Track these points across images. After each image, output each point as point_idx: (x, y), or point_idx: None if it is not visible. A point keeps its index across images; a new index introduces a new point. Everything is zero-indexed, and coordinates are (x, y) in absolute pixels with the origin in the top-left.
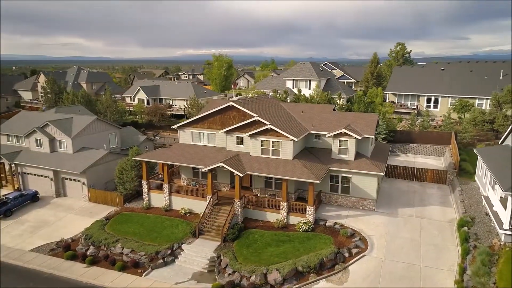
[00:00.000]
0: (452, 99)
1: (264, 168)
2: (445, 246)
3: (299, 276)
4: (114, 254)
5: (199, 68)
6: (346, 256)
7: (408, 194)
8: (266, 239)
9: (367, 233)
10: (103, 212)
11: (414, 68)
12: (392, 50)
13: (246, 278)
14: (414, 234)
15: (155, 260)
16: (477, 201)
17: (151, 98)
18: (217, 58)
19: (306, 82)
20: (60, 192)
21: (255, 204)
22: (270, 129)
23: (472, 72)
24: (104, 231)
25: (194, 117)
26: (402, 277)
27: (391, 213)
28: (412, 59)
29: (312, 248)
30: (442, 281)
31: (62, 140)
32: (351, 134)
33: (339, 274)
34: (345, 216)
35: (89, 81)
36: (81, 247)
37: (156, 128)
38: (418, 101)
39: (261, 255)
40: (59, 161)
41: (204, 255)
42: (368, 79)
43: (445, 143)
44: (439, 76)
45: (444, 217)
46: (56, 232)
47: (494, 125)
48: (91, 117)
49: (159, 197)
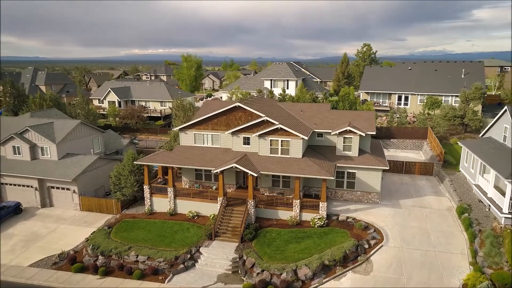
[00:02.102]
0: (421, 97)
1: (276, 167)
2: (451, 232)
3: (326, 270)
4: (128, 262)
5: (161, 69)
6: (366, 248)
7: (402, 186)
8: (284, 236)
9: (378, 224)
10: (99, 221)
11: (384, 68)
12: (359, 51)
13: (276, 275)
14: (421, 223)
15: (175, 266)
16: (467, 190)
17: (123, 100)
18: (186, 58)
19: (284, 82)
20: (46, 202)
21: (266, 203)
22: (280, 129)
23: (436, 72)
24: (111, 240)
25: (197, 119)
26: (422, 264)
27: (394, 205)
28: (378, 59)
29: (332, 242)
30: (458, 263)
31: (45, 146)
32: (355, 131)
33: (364, 265)
34: (353, 210)
35: (48, 83)
36: (89, 258)
37: (132, 131)
38: (389, 99)
39: (285, 252)
40: (44, 169)
41: (226, 257)
42: (340, 79)
43: (422, 138)
44: (407, 75)
45: (441, 205)
46: (53, 244)
47: (464, 120)
48: (75, 121)
49: (163, 201)
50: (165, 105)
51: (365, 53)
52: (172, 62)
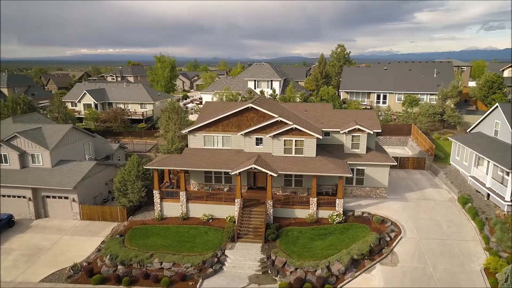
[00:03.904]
0: (398, 95)
1: (294, 166)
2: (460, 221)
3: (356, 264)
4: (152, 270)
5: (127, 70)
6: (388, 240)
7: (401, 180)
8: (306, 234)
9: (392, 217)
10: (104, 230)
11: (361, 68)
12: (334, 51)
13: (311, 273)
14: (429, 214)
15: (203, 270)
16: (462, 181)
17: (100, 103)
18: (159, 59)
19: (268, 82)
20: (41, 212)
21: (283, 203)
22: (294, 129)
23: (410, 71)
24: (128, 248)
25: (207, 121)
26: (442, 252)
27: (401, 198)
28: (351, 59)
29: (355, 237)
30: (473, 250)
31: (36, 153)
32: (363, 129)
33: (389, 257)
34: (365, 205)
35: (10, 85)
36: (107, 269)
37: (115, 134)
38: (369, 98)
39: (312, 250)
40: (38, 177)
41: (253, 258)
42: (318, 79)
43: (406, 134)
44: (384, 75)
45: (442, 197)
46: (60, 257)
47: (444, 116)
48: (66, 126)
49: (174, 206)
50: (146, 107)
51: (340, 54)
52: (137, 63)
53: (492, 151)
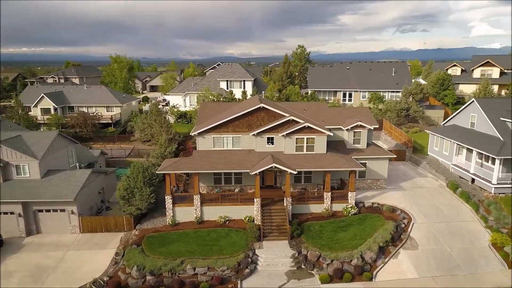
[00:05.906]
0: (363, 93)
1: (309, 163)
2: (456, 204)
3: (383, 250)
4: (186, 277)
5: (71, 71)
6: (403, 227)
7: (390, 171)
8: (328, 227)
9: (398, 206)
10: (112, 241)
11: (325, 68)
12: (295, 52)
13: (347, 263)
14: (428, 201)
15: (240, 272)
16: (444, 169)
17: (59, 107)
18: (115, 59)
19: (240, 82)
20: (32, 229)
21: (298, 199)
22: (306, 127)
23: (371, 71)
24: (154, 257)
25: (217, 122)
26: (451, 233)
27: (398, 188)
28: (311, 60)
29: (373, 226)
30: (475, 228)
31: (22, 164)
32: (365, 125)
33: (409, 242)
34: (370, 196)
35: None
36: (135, 281)
37: (84, 140)
38: (335, 96)
39: (340, 241)
40: (28, 190)
41: (284, 255)
42: (283, 79)
43: (377, 129)
44: (347, 74)
45: (432, 184)
46: (73, 274)
47: (410, 112)
48: (52, 133)
49: (187, 210)
50: (113, 110)
51: (301, 54)
52: (77, 63)
53: (474, 141)
